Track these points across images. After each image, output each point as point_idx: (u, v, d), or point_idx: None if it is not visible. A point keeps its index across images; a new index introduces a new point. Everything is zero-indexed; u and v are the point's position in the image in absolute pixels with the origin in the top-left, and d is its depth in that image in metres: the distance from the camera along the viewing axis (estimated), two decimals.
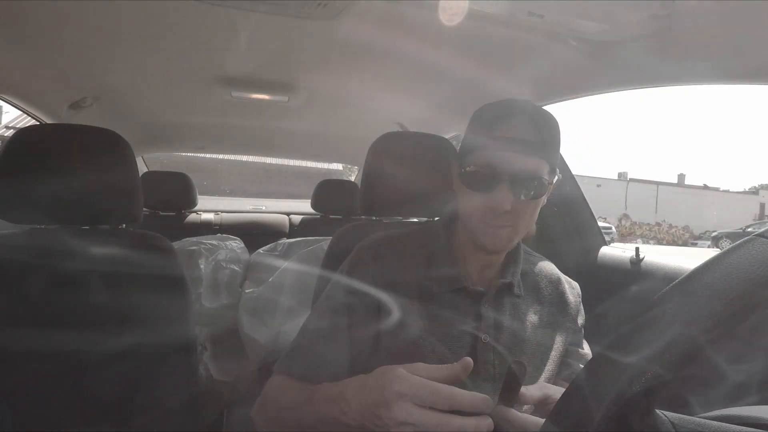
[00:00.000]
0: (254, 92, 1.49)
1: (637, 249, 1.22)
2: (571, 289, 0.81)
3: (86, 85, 1.42)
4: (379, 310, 0.71)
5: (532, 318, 0.74)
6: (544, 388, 0.57)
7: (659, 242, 22.16)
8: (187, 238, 1.68)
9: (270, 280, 1.50)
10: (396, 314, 0.70)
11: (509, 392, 0.51)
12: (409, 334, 0.69)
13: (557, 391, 0.56)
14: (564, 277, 0.82)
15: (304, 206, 2.58)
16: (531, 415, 0.53)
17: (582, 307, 0.82)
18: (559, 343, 0.75)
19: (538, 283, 0.78)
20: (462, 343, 0.69)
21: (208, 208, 2.52)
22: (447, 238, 0.76)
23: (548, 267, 0.82)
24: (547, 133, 0.67)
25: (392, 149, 0.97)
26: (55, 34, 1.07)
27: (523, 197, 0.66)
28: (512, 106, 0.69)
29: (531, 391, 0.55)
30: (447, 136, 1.65)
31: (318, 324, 0.72)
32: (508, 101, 0.70)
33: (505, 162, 0.65)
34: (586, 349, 0.80)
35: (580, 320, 0.81)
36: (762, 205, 26.56)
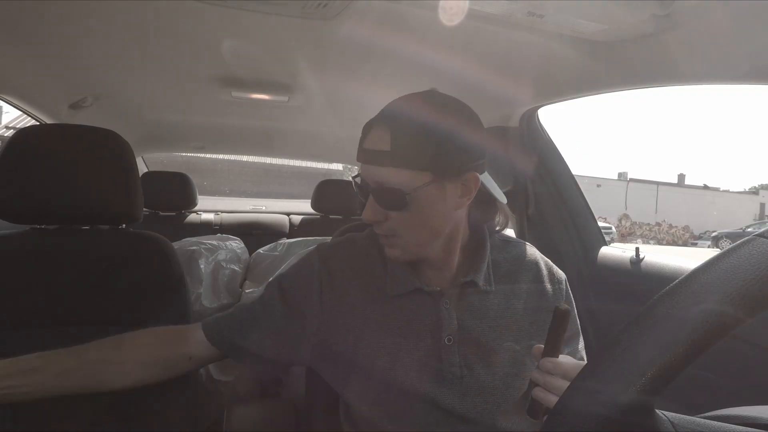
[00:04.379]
0: (254, 92, 1.48)
1: (637, 249, 1.22)
2: (551, 275, 0.76)
3: (86, 85, 1.42)
4: (321, 311, 0.70)
5: (506, 313, 0.70)
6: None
7: (659, 242, 22.16)
8: (187, 238, 1.68)
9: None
10: (346, 317, 0.69)
11: (554, 341, 0.55)
12: (365, 338, 0.68)
13: None
14: (545, 263, 0.77)
15: (304, 206, 2.59)
16: (574, 360, 0.57)
17: (569, 296, 0.76)
18: (536, 339, 0.70)
19: (514, 274, 0.74)
20: (423, 346, 0.67)
21: (208, 208, 2.52)
22: None
23: (526, 254, 0.77)
24: (410, 134, 0.61)
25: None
26: (55, 34, 1.07)
27: (387, 209, 0.64)
28: (385, 109, 0.65)
29: (565, 357, 0.57)
30: None
31: (245, 305, 0.75)
32: (391, 102, 0.66)
33: (365, 174, 0.64)
34: (573, 348, 0.75)
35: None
36: (762, 205, 26.56)
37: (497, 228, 0.77)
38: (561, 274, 0.77)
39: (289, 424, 0.90)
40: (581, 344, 0.76)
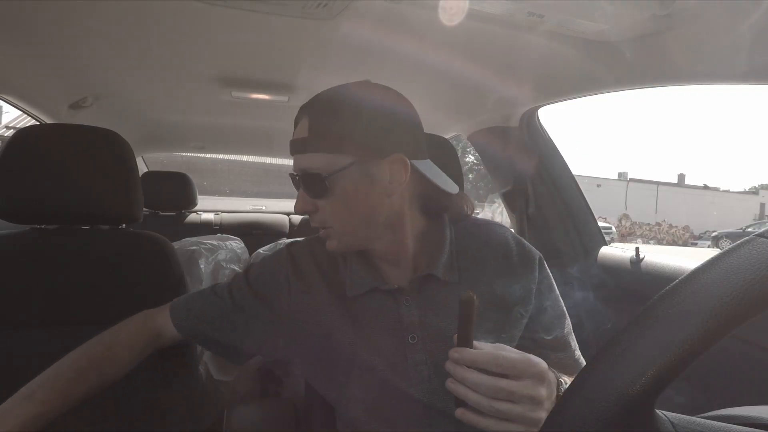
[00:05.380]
0: (254, 92, 1.49)
1: (637, 249, 1.22)
2: (522, 255, 0.71)
3: (86, 85, 1.42)
4: (290, 299, 0.70)
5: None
6: (500, 348, 0.53)
7: (659, 242, 22.16)
8: (187, 238, 1.68)
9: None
10: (314, 315, 0.69)
11: (465, 330, 0.51)
12: (333, 338, 0.67)
13: (513, 355, 0.52)
14: (516, 243, 0.72)
15: None
16: (489, 345, 0.53)
17: (544, 275, 0.71)
18: (507, 327, 0.67)
19: (482, 260, 0.69)
20: (388, 346, 0.65)
21: (208, 208, 2.53)
22: None
23: (495, 236, 0.72)
24: (325, 118, 0.61)
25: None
26: (55, 34, 1.07)
27: (313, 197, 0.64)
28: (309, 100, 0.65)
29: (483, 346, 0.52)
30: (447, 136, 1.65)
31: (213, 294, 0.75)
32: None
33: (294, 165, 0.65)
34: (557, 333, 0.70)
35: (540, 298, 0.70)
36: (762, 205, 26.57)
37: (464, 215, 0.74)
38: (534, 252, 0.72)
39: (289, 424, 0.90)
40: (573, 339, 0.72)
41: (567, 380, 0.58)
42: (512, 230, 0.75)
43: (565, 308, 0.73)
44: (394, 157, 0.62)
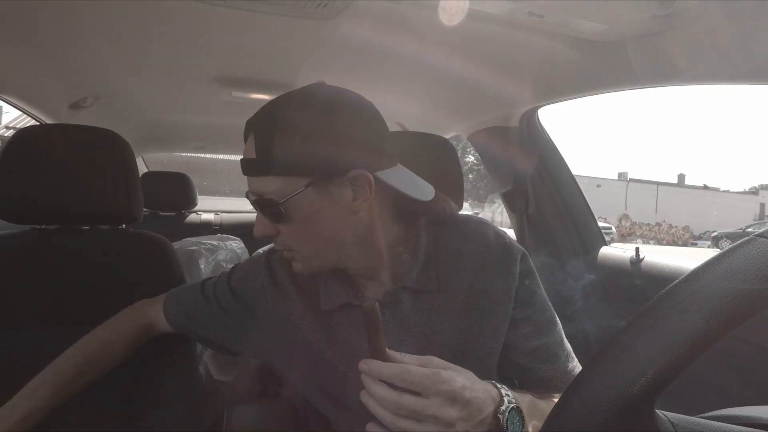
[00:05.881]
0: (254, 92, 1.48)
1: (637, 249, 1.22)
2: (502, 254, 0.65)
3: (86, 85, 1.42)
4: (266, 318, 0.69)
5: (453, 313, 0.62)
6: (426, 361, 0.49)
7: (659, 242, 22.17)
8: (187, 238, 1.67)
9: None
10: (285, 328, 0.67)
11: (374, 340, 0.49)
12: (306, 353, 0.65)
13: (422, 370, 0.48)
14: (496, 240, 0.66)
15: None
16: (408, 356, 0.49)
17: (524, 276, 0.65)
18: (488, 336, 0.63)
19: (462, 263, 0.64)
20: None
21: (208, 208, 2.52)
22: None
23: (475, 235, 0.66)
24: (271, 137, 0.54)
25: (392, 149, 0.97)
26: (55, 34, 1.07)
27: (272, 221, 0.59)
28: (256, 113, 0.60)
29: (397, 358, 0.49)
30: (447, 136, 1.65)
31: (202, 288, 0.76)
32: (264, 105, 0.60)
33: (249, 186, 0.60)
34: (542, 340, 0.64)
35: (521, 299, 0.64)
36: (762, 205, 26.59)
37: (443, 217, 0.69)
38: (515, 249, 0.66)
39: (289, 424, 0.90)
40: (563, 350, 0.66)
41: (521, 400, 0.52)
42: (496, 226, 0.71)
43: (555, 315, 0.67)
44: (354, 174, 0.56)
